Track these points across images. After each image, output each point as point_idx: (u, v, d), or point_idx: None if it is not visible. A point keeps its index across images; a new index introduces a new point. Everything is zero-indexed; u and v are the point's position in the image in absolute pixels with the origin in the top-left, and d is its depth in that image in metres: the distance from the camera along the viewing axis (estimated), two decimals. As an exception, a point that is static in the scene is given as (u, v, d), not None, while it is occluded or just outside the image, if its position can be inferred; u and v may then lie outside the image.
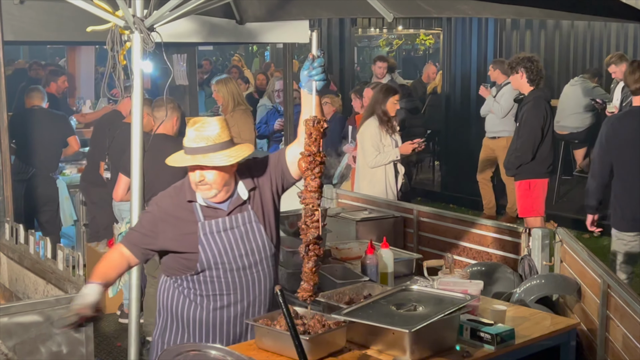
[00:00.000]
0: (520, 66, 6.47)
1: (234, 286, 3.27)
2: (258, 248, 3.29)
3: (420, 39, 21.35)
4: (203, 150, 3.11)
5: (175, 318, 3.35)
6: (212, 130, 3.13)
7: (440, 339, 3.08)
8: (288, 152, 3.29)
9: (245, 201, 3.27)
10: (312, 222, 2.97)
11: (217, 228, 3.23)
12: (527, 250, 4.38)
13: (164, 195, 3.33)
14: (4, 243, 4.78)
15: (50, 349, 3.64)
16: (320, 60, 3.03)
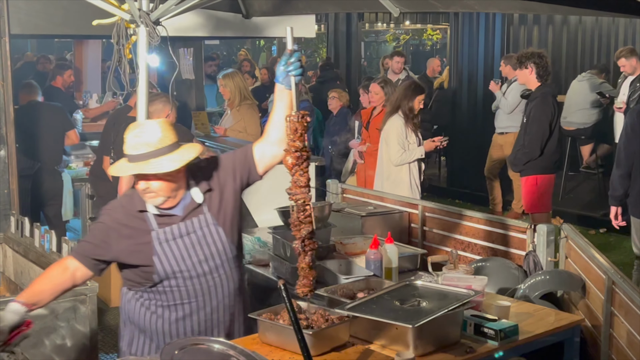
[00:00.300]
0: (530, 61, 6.44)
1: (195, 294, 3.14)
2: (218, 251, 3.15)
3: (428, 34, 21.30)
4: (144, 157, 2.94)
5: (140, 330, 3.22)
6: (153, 135, 2.96)
7: (443, 335, 3.08)
8: (256, 148, 3.18)
9: (200, 204, 3.12)
10: (305, 217, 2.94)
11: (172, 235, 3.08)
12: (532, 246, 4.37)
13: (115, 204, 3.19)
14: (9, 236, 4.80)
15: (54, 342, 3.66)
16: (298, 55, 2.98)
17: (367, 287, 3.55)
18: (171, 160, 2.96)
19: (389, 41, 22.63)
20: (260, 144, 3.19)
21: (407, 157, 6.27)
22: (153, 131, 2.98)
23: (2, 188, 5.00)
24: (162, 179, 2.98)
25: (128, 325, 3.27)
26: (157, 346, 3.18)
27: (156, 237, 3.07)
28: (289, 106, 3.05)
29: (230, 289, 3.22)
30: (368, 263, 4.10)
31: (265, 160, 3.18)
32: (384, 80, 7.34)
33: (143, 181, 2.99)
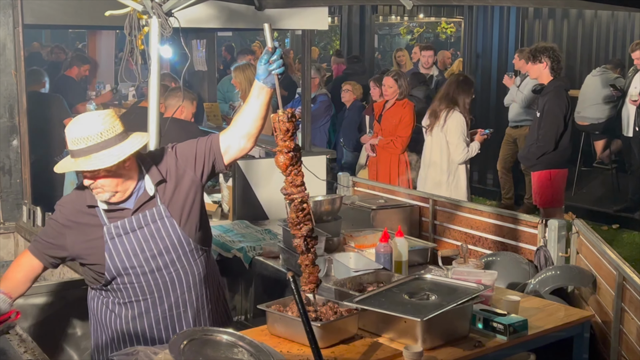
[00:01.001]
0: (544, 55, 6.41)
1: (150, 289, 3.05)
2: (173, 245, 3.03)
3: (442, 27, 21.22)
4: (84, 152, 2.82)
5: (102, 328, 3.16)
6: (93, 127, 2.83)
7: (452, 329, 3.07)
8: (222, 139, 3.07)
9: (152, 197, 3.01)
10: (304, 215, 2.90)
11: (123, 230, 2.98)
12: (543, 241, 4.35)
13: (66, 200, 3.08)
14: (21, 225, 4.83)
15: (64, 331, 3.68)
16: (279, 52, 2.90)
17: (377, 280, 3.55)
18: (110, 154, 2.83)
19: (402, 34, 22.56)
20: (227, 136, 3.08)
21: (469, 154, 6.22)
22: (93, 124, 2.85)
23: (15, 177, 5.03)
24: (106, 174, 2.88)
25: (93, 323, 3.21)
26: (116, 345, 3.10)
27: (107, 232, 2.98)
28: (266, 105, 2.99)
29: (190, 283, 3.11)
30: (378, 256, 4.10)
31: (232, 153, 3.08)
32: (398, 73, 7.31)
33: (87, 178, 2.89)
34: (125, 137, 2.91)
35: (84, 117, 2.90)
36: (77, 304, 3.71)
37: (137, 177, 3.00)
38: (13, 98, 5.00)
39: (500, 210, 4.92)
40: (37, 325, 3.62)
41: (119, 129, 2.90)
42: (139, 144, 2.92)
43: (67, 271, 4.13)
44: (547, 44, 6.86)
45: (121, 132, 2.90)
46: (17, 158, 5.03)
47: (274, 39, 2.94)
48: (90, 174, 2.87)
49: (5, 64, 4.97)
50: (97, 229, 2.99)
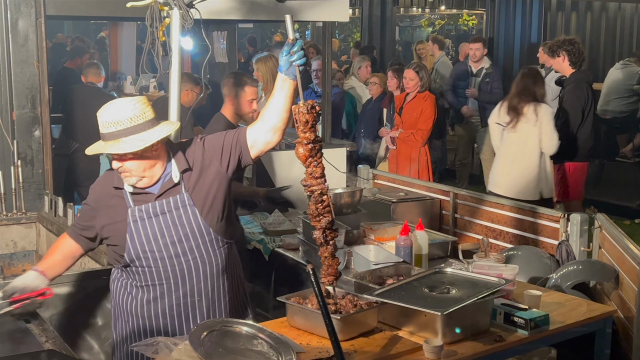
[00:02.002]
0: (561, 49, 6.36)
1: (166, 275, 3.07)
2: (193, 233, 3.06)
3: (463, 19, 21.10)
4: (113, 136, 2.89)
5: (120, 310, 3.20)
6: (124, 112, 2.90)
7: (473, 323, 3.05)
8: (249, 133, 3.09)
9: (177, 184, 3.05)
10: (323, 207, 2.90)
11: (147, 214, 3.03)
12: (565, 236, 4.32)
13: (96, 182, 3.17)
14: (43, 215, 4.86)
15: (85, 321, 3.70)
16: (300, 43, 2.91)
17: (397, 274, 3.53)
18: (139, 139, 2.89)
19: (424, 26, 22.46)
20: (254, 130, 3.09)
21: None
22: (124, 109, 2.91)
23: (37, 168, 5.06)
24: (135, 159, 2.94)
25: (113, 305, 3.27)
26: (132, 327, 3.14)
27: (131, 214, 3.03)
28: (290, 97, 3.00)
29: (207, 273, 3.13)
30: (398, 249, 4.08)
31: (258, 146, 3.10)
32: (419, 65, 7.26)
33: (116, 160, 2.96)
34: (155, 124, 2.96)
35: (117, 102, 2.97)
36: (98, 294, 3.73)
37: (165, 164, 3.06)
38: (35, 89, 5.03)
39: (521, 203, 4.89)
40: (59, 315, 3.63)
41: (150, 116, 2.95)
42: (167, 132, 2.97)
43: (88, 261, 4.15)
44: (565, 36, 6.79)
45: (151, 119, 2.95)
46: (39, 148, 5.06)
47: (295, 30, 2.93)
48: (118, 157, 2.94)
49: (28, 55, 5.00)
50: (122, 210, 3.04)
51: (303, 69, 2.94)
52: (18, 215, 4.91)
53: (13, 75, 4.98)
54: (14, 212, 4.91)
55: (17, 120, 5.00)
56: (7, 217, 4.87)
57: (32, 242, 4.94)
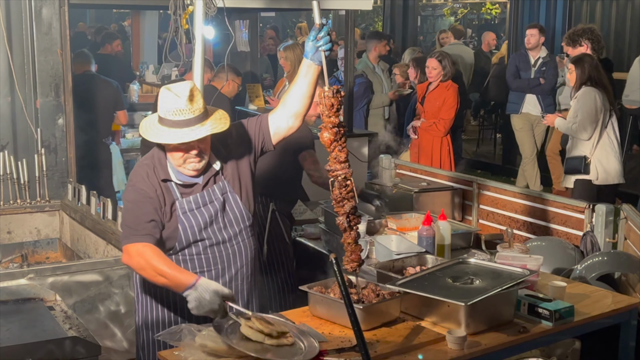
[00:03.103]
0: (583, 38, 6.28)
1: (214, 261, 3.13)
2: (236, 219, 3.14)
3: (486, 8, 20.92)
4: (197, 121, 2.90)
5: (157, 302, 3.17)
6: (196, 97, 2.93)
7: (496, 314, 3.03)
8: (271, 119, 3.14)
9: (218, 171, 3.11)
10: (347, 192, 2.90)
11: (195, 204, 3.07)
12: (589, 227, 4.27)
13: (137, 179, 3.06)
14: (66, 203, 4.89)
15: (108, 308, 3.73)
16: (327, 29, 2.91)
17: (419, 264, 3.51)
18: (219, 119, 2.97)
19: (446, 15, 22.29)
20: (276, 116, 3.14)
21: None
22: (194, 93, 2.93)
23: (60, 156, 5.09)
24: (202, 144, 2.96)
25: (142, 299, 3.21)
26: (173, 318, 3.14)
27: (180, 207, 3.05)
28: (314, 83, 3.02)
29: (247, 258, 3.21)
30: (420, 239, 4.06)
31: (281, 132, 3.15)
32: (442, 54, 7.20)
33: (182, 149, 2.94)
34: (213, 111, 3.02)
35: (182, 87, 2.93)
36: (121, 282, 3.75)
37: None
38: (59, 77, 5.05)
39: (545, 194, 4.84)
40: (82, 302, 3.66)
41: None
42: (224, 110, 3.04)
43: (111, 249, 4.17)
44: (585, 25, 6.72)
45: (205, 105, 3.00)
46: (62, 137, 5.09)
47: (322, 16, 2.93)
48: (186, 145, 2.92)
49: (51, 43, 5.02)
50: (170, 202, 3.05)
51: (328, 54, 2.95)
52: (42, 203, 4.95)
53: (37, 63, 5.00)
54: (37, 200, 4.95)
55: (41, 109, 5.03)
56: (31, 205, 4.91)
57: (56, 229, 4.98)
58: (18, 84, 4.98)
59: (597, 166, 5.66)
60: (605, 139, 5.69)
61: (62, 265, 3.75)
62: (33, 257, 4.88)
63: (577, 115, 5.70)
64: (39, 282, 3.51)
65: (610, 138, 5.72)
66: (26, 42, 4.99)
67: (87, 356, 2.65)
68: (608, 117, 5.70)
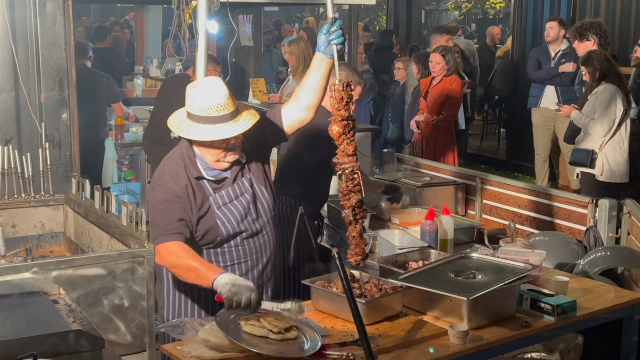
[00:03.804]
0: (591, 32, 6.26)
1: (250, 252, 3.19)
2: (264, 210, 3.20)
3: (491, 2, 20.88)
4: (233, 116, 2.95)
5: (189, 296, 3.19)
6: (226, 92, 2.95)
7: (499, 308, 3.04)
8: (284, 111, 3.19)
9: (244, 164, 3.16)
10: (354, 185, 2.92)
11: (228, 198, 3.11)
12: (593, 222, 4.27)
13: (166, 178, 3.06)
14: (70, 197, 4.90)
15: (112, 302, 3.73)
16: (339, 23, 2.93)
17: (422, 258, 3.52)
18: (251, 113, 3.03)
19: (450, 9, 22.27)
20: (289, 108, 3.18)
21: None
22: (224, 88, 2.96)
23: (64, 150, 5.10)
24: (237, 137, 3.00)
25: (173, 294, 3.22)
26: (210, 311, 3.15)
27: (214, 202, 3.09)
28: (326, 76, 3.04)
29: (274, 248, 3.27)
30: (423, 234, 4.07)
31: (294, 125, 3.19)
32: (445, 48, 7.19)
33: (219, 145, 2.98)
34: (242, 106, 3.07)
35: (213, 83, 2.96)
36: (125, 276, 3.76)
37: None
38: (63, 72, 5.06)
39: (548, 189, 4.85)
40: (86, 296, 3.67)
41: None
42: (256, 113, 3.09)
43: (115, 243, 4.18)
44: (592, 19, 6.68)
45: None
46: (66, 131, 5.11)
47: (334, 10, 2.95)
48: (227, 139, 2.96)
49: (55, 38, 5.02)
50: (204, 199, 3.07)
51: (340, 47, 2.96)
52: (46, 197, 4.95)
53: (41, 58, 5.01)
54: (41, 194, 4.96)
55: (45, 103, 5.04)
56: (35, 199, 4.92)
57: (60, 224, 4.99)
58: (22, 79, 4.99)
59: (604, 162, 5.66)
60: (616, 137, 5.67)
61: (66, 259, 3.75)
62: (37, 251, 4.89)
63: (594, 111, 5.68)
64: (43, 276, 3.52)
65: (622, 137, 5.70)
66: (30, 37, 5.00)
67: (91, 349, 2.66)
68: (624, 116, 5.69)
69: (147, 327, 3.84)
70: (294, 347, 2.65)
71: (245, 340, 2.62)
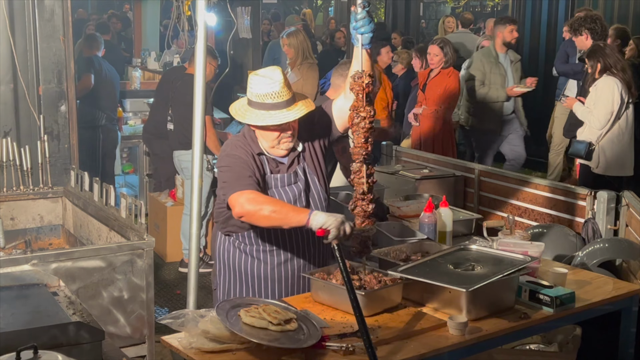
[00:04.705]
0: (583, 27, 6.25)
1: (297, 239, 3.26)
2: (314, 200, 3.27)
3: (489, -5, 20.83)
4: (288, 104, 3.06)
5: (238, 276, 3.31)
6: (282, 80, 3.07)
7: (497, 300, 3.05)
8: (334, 105, 3.26)
9: (300, 153, 3.25)
10: (359, 177, 2.96)
11: (282, 183, 3.21)
12: (591, 214, 4.28)
13: (235, 145, 3.19)
14: (69, 190, 4.90)
15: (112, 294, 3.74)
16: (363, 12, 2.94)
17: (421, 250, 3.53)
18: (307, 99, 3.13)
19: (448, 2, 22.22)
20: (339, 102, 3.24)
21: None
22: (282, 75, 3.07)
23: (63, 143, 5.10)
24: (296, 122, 3.11)
25: (224, 272, 3.36)
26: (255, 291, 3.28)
27: (269, 181, 3.18)
28: (364, 65, 3.04)
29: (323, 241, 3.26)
30: (422, 226, 4.07)
31: (343, 116, 3.18)
32: (443, 41, 7.18)
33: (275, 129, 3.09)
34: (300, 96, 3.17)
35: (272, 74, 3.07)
36: (124, 268, 3.77)
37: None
38: (61, 64, 5.05)
39: (547, 181, 4.86)
40: (85, 288, 3.68)
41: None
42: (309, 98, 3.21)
43: (114, 235, 4.18)
44: (587, 13, 6.67)
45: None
46: (65, 123, 5.10)
47: None
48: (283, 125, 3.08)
49: (54, 30, 5.01)
50: (262, 175, 3.17)
51: (368, 36, 2.98)
52: (45, 190, 4.95)
53: (39, 50, 5.00)
54: (40, 186, 4.96)
55: (44, 95, 5.03)
56: (34, 192, 4.92)
57: (59, 216, 4.99)
58: (21, 71, 4.97)
59: (600, 155, 5.65)
60: (615, 130, 5.66)
61: (65, 252, 3.75)
62: (36, 244, 4.90)
63: (594, 103, 5.67)
64: (42, 268, 3.52)
65: (621, 130, 5.69)
66: (29, 29, 4.99)
67: (91, 341, 2.66)
68: (624, 109, 5.67)
69: (147, 319, 3.84)
70: (294, 339, 2.66)
71: (245, 331, 2.63)
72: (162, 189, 6.86)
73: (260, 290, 3.28)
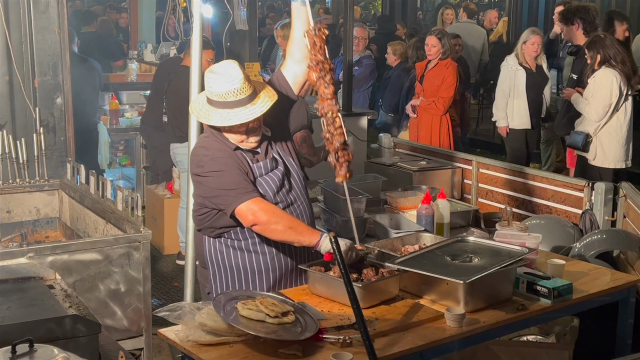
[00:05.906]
0: (576, 17, 6.23)
1: None
2: (295, 181, 3.26)
3: (486, -15, 20.77)
4: (251, 99, 3.00)
5: (236, 275, 3.24)
6: (242, 76, 2.99)
7: (495, 292, 3.04)
8: (285, 72, 3.25)
9: (269, 138, 3.20)
10: (336, 129, 2.97)
11: (265, 170, 3.18)
12: (589, 205, 4.28)
13: (213, 146, 3.11)
14: (65, 182, 4.88)
15: (108, 287, 3.73)
16: None
17: (418, 242, 3.52)
18: (268, 93, 3.06)
19: (445, -7, 22.14)
20: (288, 66, 3.24)
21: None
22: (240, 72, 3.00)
23: (59, 135, 5.08)
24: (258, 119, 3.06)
25: (219, 275, 3.27)
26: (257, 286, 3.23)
27: (255, 171, 3.15)
28: (306, 22, 3.09)
29: (310, 218, 3.31)
30: (419, 218, 4.07)
31: (299, 80, 3.23)
32: (441, 32, 7.16)
33: (240, 129, 3.05)
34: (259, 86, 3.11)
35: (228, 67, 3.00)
36: (121, 261, 3.76)
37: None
38: (57, 56, 5.03)
39: (544, 172, 4.85)
40: (82, 281, 3.67)
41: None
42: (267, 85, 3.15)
43: (110, 228, 4.17)
44: (579, 3, 6.65)
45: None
46: (61, 116, 5.08)
47: None
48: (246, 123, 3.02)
49: (49, 22, 4.98)
50: (246, 169, 3.13)
51: None
52: (41, 183, 4.94)
53: (34, 42, 4.98)
54: (36, 179, 4.94)
55: (39, 88, 5.01)
56: (30, 185, 4.90)
57: (55, 209, 4.98)
58: (16, 63, 4.95)
59: (597, 147, 5.64)
60: (613, 122, 5.64)
61: (61, 244, 3.74)
62: (32, 237, 4.89)
63: (592, 94, 5.65)
64: (38, 261, 3.51)
65: (620, 122, 5.67)
66: (24, 21, 4.96)
67: (88, 334, 2.66)
68: (622, 101, 5.65)
69: (144, 311, 3.84)
70: (291, 331, 2.65)
71: (242, 324, 2.62)
72: (160, 182, 6.84)
73: (261, 284, 3.23)
